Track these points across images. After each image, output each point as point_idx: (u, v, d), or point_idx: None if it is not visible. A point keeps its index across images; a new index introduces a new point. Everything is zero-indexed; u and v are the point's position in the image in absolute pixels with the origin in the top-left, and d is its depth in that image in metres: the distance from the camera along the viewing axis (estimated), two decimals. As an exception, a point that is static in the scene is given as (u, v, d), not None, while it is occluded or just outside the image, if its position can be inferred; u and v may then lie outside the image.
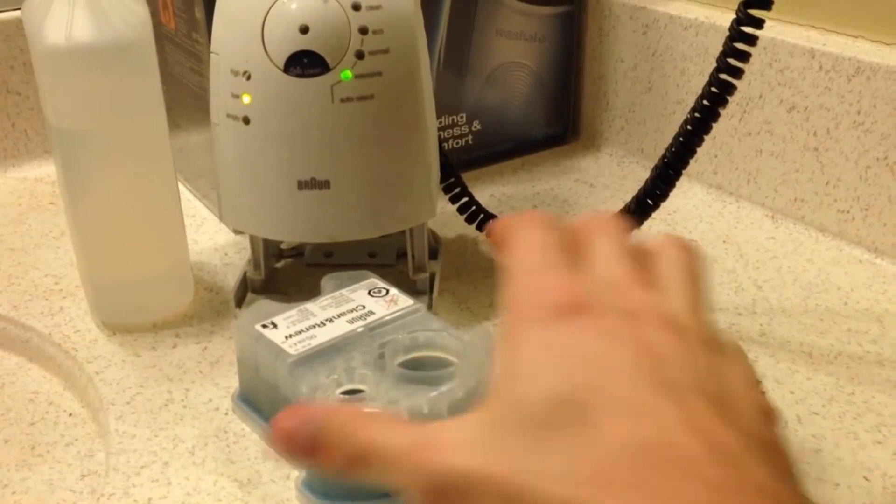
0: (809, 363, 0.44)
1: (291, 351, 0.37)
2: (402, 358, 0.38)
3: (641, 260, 0.28)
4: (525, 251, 0.28)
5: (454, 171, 0.52)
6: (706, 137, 0.43)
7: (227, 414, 0.41)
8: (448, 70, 0.63)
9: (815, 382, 0.43)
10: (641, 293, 0.26)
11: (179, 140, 0.57)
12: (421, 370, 0.38)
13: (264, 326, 0.38)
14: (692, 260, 0.28)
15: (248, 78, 0.42)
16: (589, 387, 0.23)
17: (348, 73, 0.42)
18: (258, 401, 0.39)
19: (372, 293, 0.42)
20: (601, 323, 0.25)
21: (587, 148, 0.70)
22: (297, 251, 0.54)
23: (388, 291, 0.42)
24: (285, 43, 0.41)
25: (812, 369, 0.43)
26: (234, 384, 0.43)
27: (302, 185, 0.43)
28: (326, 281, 0.43)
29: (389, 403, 0.35)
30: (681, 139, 0.43)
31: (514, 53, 0.65)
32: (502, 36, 0.64)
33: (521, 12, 0.64)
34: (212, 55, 0.43)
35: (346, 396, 0.36)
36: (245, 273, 0.50)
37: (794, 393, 0.42)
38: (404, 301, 0.42)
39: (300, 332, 0.38)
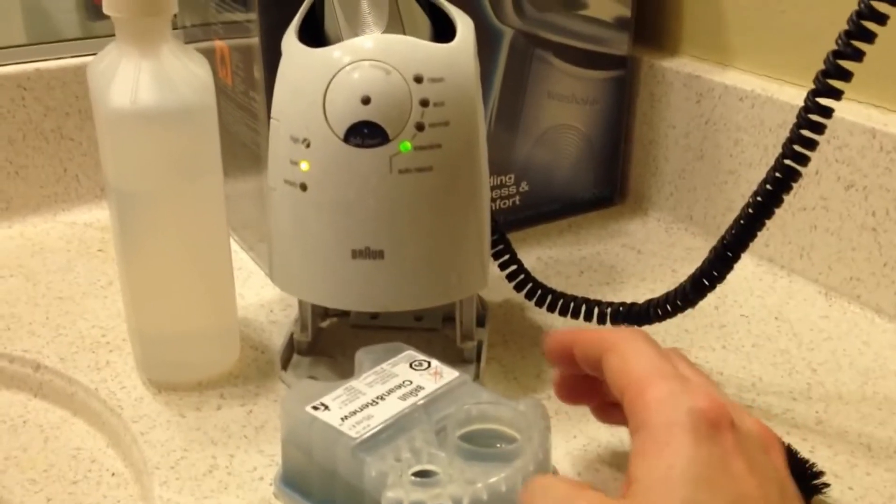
0: (868, 456, 0.43)
1: (352, 434, 0.36)
2: (458, 432, 0.38)
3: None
4: (646, 356, 0.32)
5: (504, 238, 0.52)
6: (767, 222, 0.42)
7: (271, 485, 0.41)
8: (499, 131, 0.63)
9: (874, 478, 0.41)
10: (749, 418, 0.32)
11: (226, 189, 0.57)
12: (475, 442, 0.37)
13: (315, 409, 0.38)
14: None
15: (308, 145, 0.42)
16: None
17: (408, 145, 0.41)
18: (308, 485, 0.39)
19: (413, 366, 0.41)
20: (741, 446, 0.29)
21: (634, 211, 0.69)
22: (343, 311, 0.53)
23: (430, 364, 0.42)
24: (346, 113, 0.41)
25: (871, 463, 0.42)
26: (278, 452, 0.42)
27: (356, 254, 0.43)
28: (363, 356, 0.42)
29: (467, 484, 0.34)
30: (742, 222, 0.42)
31: (564, 116, 0.65)
32: (554, 98, 0.64)
33: (574, 76, 0.64)
34: (272, 121, 0.44)
35: (420, 479, 0.35)
36: (292, 334, 0.50)
37: (853, 489, 0.41)
38: (449, 373, 0.41)
39: (355, 413, 0.38)
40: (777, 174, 0.40)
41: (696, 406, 0.29)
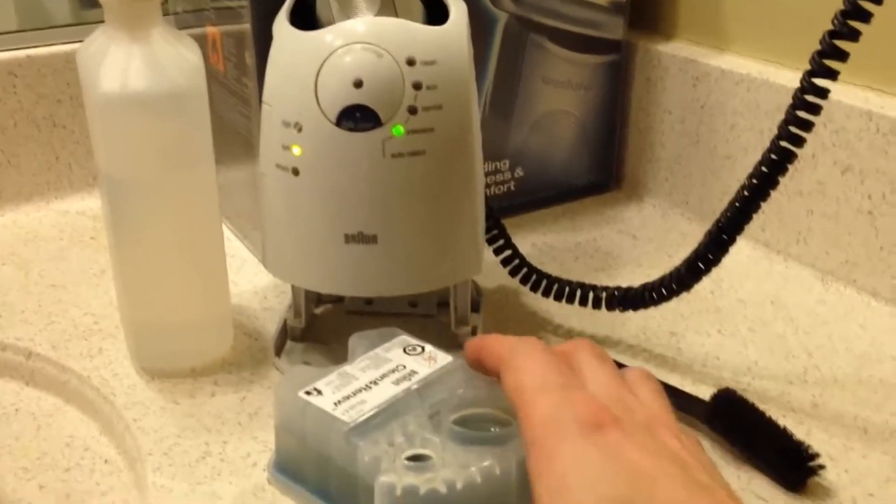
0: (865, 440, 0.42)
1: (345, 418, 0.36)
2: (452, 417, 0.37)
3: (621, 378, 0.34)
4: (535, 370, 0.33)
5: (498, 223, 0.52)
6: (762, 204, 0.42)
7: (264, 471, 0.41)
8: (493, 116, 0.62)
9: (870, 461, 0.41)
10: (643, 408, 0.32)
11: (220, 177, 0.57)
12: (470, 426, 0.37)
13: (308, 394, 0.38)
14: (656, 382, 0.34)
15: (300, 130, 0.42)
16: (636, 490, 0.27)
17: (400, 129, 0.41)
18: (303, 471, 0.38)
19: (407, 351, 0.41)
20: (629, 436, 0.29)
21: (630, 197, 0.69)
22: (337, 297, 0.53)
23: (423, 349, 0.41)
24: (338, 96, 0.41)
25: (867, 446, 0.42)
26: (272, 439, 0.42)
27: (349, 239, 0.42)
28: (356, 341, 0.42)
29: (461, 468, 0.34)
30: (737, 204, 0.42)
31: (559, 101, 0.65)
32: (549, 84, 0.64)
33: (569, 61, 0.64)
34: (263, 105, 0.43)
35: (413, 463, 0.35)
36: (285, 321, 0.50)
37: (848, 472, 0.40)
38: (443, 358, 0.41)
39: (348, 398, 0.37)
40: (772, 156, 0.40)
41: (577, 413, 0.30)
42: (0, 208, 0.65)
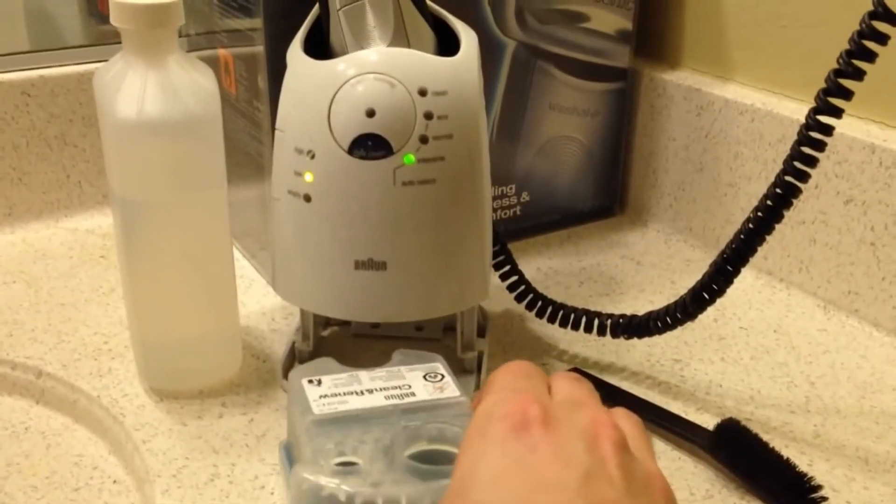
0: (866, 470, 0.43)
1: (316, 410, 0.37)
2: (424, 447, 0.38)
3: (594, 396, 0.34)
4: (501, 378, 0.33)
5: (505, 248, 0.52)
6: (767, 237, 0.43)
7: (273, 493, 0.41)
8: (500, 141, 0.63)
9: (871, 493, 0.42)
10: (599, 411, 0.31)
11: (229, 197, 0.58)
12: (431, 459, 0.37)
13: (310, 382, 0.39)
14: (637, 418, 0.33)
15: (312, 157, 0.42)
16: (523, 497, 0.27)
17: (411, 158, 0.42)
18: (292, 453, 0.40)
19: (427, 377, 0.41)
20: (551, 439, 0.28)
21: (634, 222, 0.70)
22: (344, 320, 0.54)
23: (442, 378, 0.42)
24: (351, 125, 0.41)
25: (869, 478, 0.42)
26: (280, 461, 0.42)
27: (359, 265, 0.43)
28: (395, 355, 0.43)
29: (370, 486, 0.34)
30: (742, 237, 0.43)
31: (566, 127, 0.65)
32: (555, 110, 0.64)
33: (575, 87, 0.65)
34: (277, 132, 0.44)
35: (338, 467, 0.35)
36: (293, 343, 0.50)
37: (850, 503, 0.41)
38: (451, 391, 0.41)
39: (336, 395, 0.39)
40: (777, 190, 0.41)
41: (505, 411, 0.30)
42: (10, 226, 0.66)
